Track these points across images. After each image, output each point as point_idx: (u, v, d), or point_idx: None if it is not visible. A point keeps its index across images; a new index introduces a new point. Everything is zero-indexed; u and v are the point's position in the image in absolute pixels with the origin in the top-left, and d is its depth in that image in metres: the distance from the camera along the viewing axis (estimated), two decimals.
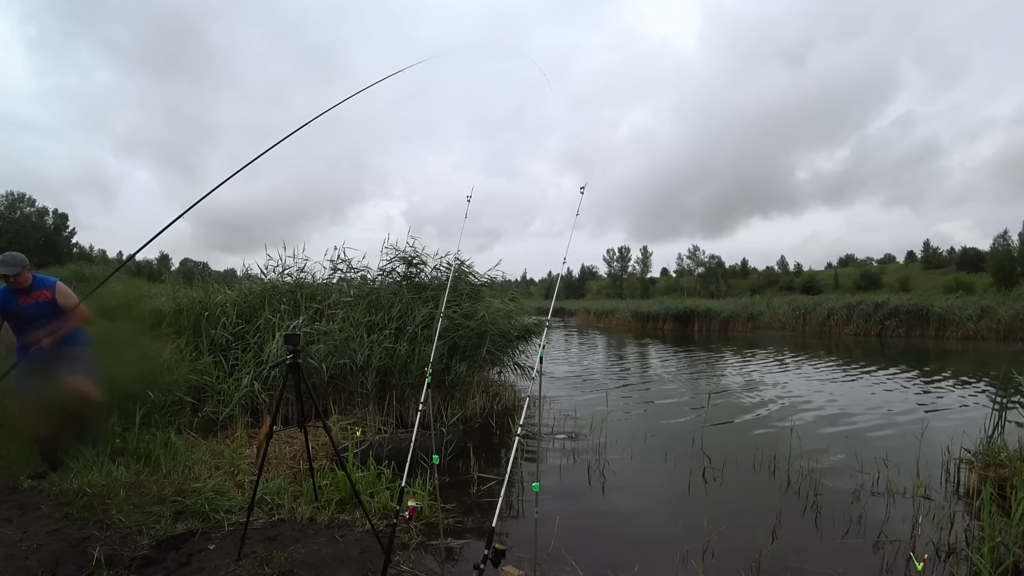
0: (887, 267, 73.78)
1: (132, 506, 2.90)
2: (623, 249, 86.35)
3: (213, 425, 4.52)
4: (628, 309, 32.78)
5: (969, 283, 39.87)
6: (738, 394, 8.02)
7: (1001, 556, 2.58)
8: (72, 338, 3.49)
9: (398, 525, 2.55)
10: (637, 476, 4.34)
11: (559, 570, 2.71)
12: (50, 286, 3.49)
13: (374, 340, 5.44)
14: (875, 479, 3.99)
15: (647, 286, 77.47)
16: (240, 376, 4.82)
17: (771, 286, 64.41)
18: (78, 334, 3.56)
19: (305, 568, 2.47)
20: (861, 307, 22.24)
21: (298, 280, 6.25)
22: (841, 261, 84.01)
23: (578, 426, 5.63)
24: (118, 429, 3.80)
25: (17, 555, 2.44)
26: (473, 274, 6.85)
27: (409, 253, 6.43)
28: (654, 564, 2.85)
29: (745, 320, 25.98)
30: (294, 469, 3.84)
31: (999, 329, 18.68)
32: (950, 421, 6.06)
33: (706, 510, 3.51)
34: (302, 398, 2.60)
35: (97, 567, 2.37)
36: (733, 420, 6.28)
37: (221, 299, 5.63)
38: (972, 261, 59.52)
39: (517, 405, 6.56)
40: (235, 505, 3.02)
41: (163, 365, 4.43)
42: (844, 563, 2.81)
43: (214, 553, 2.57)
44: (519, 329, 6.76)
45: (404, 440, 4.24)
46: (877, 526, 3.27)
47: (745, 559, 2.83)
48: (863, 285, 54.32)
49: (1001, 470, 3.63)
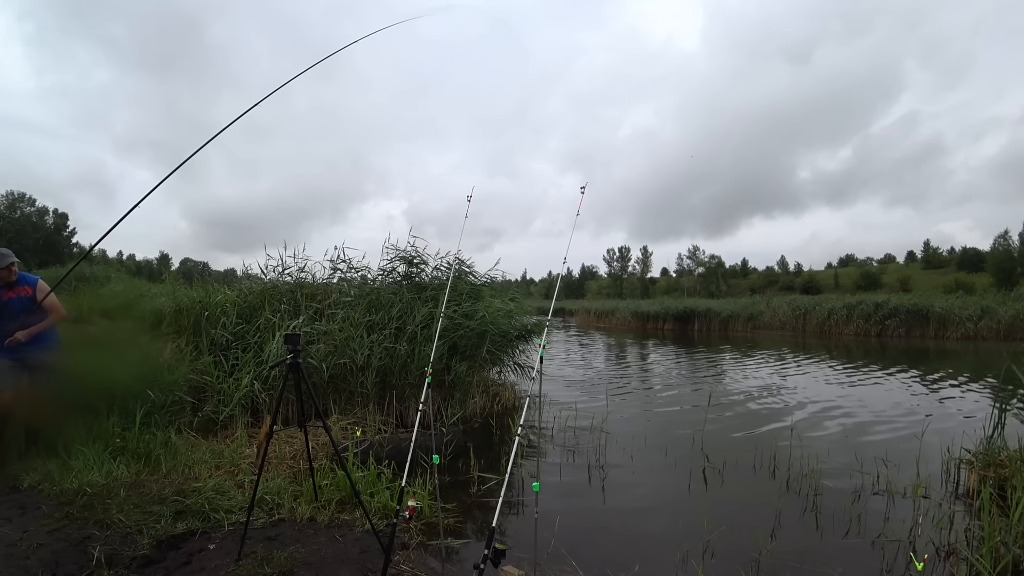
0: (887, 267, 73.72)
1: (132, 506, 2.90)
2: (623, 249, 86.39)
3: (213, 425, 4.52)
4: (628, 309, 32.78)
5: (969, 283, 39.82)
6: (738, 394, 8.02)
7: (1001, 556, 2.58)
8: (44, 338, 3.56)
9: (398, 525, 2.55)
10: (637, 476, 4.34)
11: (559, 570, 2.71)
12: (32, 283, 3.58)
13: (374, 340, 5.44)
14: (875, 479, 3.99)
15: (647, 286, 77.44)
16: (240, 376, 4.82)
17: (771, 286, 64.36)
18: (51, 335, 3.63)
19: (305, 568, 2.48)
20: (861, 307, 22.23)
21: (298, 280, 6.26)
22: (841, 261, 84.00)
23: (578, 426, 5.63)
24: (118, 429, 3.81)
25: (17, 555, 2.44)
26: (473, 274, 6.86)
27: (410, 253, 6.44)
28: (654, 564, 2.85)
29: (745, 320, 25.98)
30: (294, 469, 3.84)
31: (999, 329, 18.68)
32: (950, 421, 6.06)
33: (706, 510, 3.51)
34: (302, 398, 2.60)
35: (97, 567, 2.37)
36: (733, 420, 6.28)
37: (221, 299, 5.63)
38: (972, 261, 59.47)
39: (517, 405, 6.57)
40: (235, 505, 3.02)
41: (163, 365, 4.44)
42: (844, 563, 2.82)
43: (214, 553, 2.57)
44: (519, 329, 6.76)
45: (404, 440, 4.24)
46: (877, 526, 3.28)
47: (745, 559, 2.83)
48: (863, 285, 54.24)
49: (1001, 470, 3.62)
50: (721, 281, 72.17)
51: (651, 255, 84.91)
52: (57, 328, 3.71)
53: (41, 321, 3.51)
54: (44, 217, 58.76)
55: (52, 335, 3.64)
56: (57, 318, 3.60)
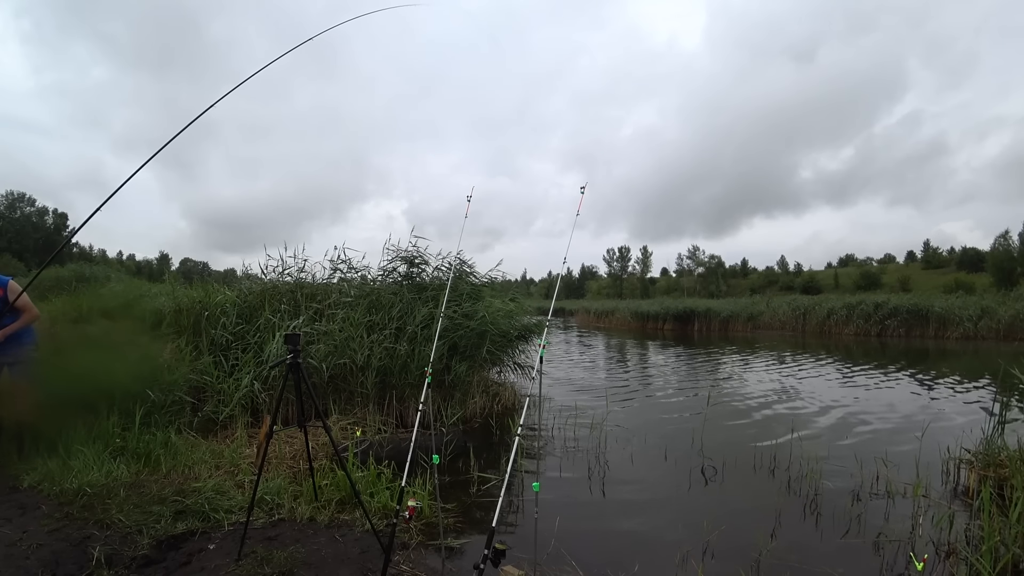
0: (887, 267, 73.74)
1: (132, 506, 2.90)
2: (623, 249, 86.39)
3: (213, 425, 4.52)
4: (628, 309, 32.78)
5: (969, 283, 39.85)
6: (738, 394, 8.02)
7: (1000, 556, 2.58)
8: (20, 337, 3.58)
9: (398, 525, 2.56)
10: (637, 476, 4.34)
11: (559, 570, 2.71)
12: (3, 284, 3.59)
13: (374, 340, 5.44)
14: (875, 479, 3.99)
15: (647, 286, 77.44)
16: (240, 376, 4.82)
17: (771, 286, 64.34)
18: (27, 335, 3.65)
19: (305, 568, 2.48)
20: (861, 307, 22.24)
21: (298, 280, 6.26)
22: (841, 261, 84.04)
23: (578, 426, 5.63)
24: (118, 429, 3.81)
25: (17, 555, 2.44)
26: (474, 274, 6.86)
27: (412, 253, 6.44)
28: (654, 564, 2.85)
29: (745, 320, 25.98)
30: (294, 469, 3.84)
31: (999, 329, 18.68)
32: (950, 421, 6.07)
33: (706, 510, 3.51)
34: (302, 398, 2.60)
35: (97, 567, 2.37)
36: (733, 420, 6.29)
37: (221, 299, 5.63)
38: (972, 261, 59.49)
39: (517, 405, 6.56)
40: (235, 505, 3.02)
41: (163, 365, 4.44)
42: (844, 563, 2.82)
43: (214, 553, 2.57)
44: (519, 329, 6.76)
45: (404, 440, 4.24)
46: (877, 526, 3.28)
47: (745, 559, 2.83)
48: (863, 285, 54.24)
49: (1001, 470, 3.63)
50: (721, 281, 72.19)
51: (651, 255, 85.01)
52: (34, 327, 3.72)
53: (15, 322, 3.53)
54: (44, 217, 58.78)
55: (28, 334, 3.66)
56: (30, 318, 3.63)
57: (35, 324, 3.73)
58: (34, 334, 3.74)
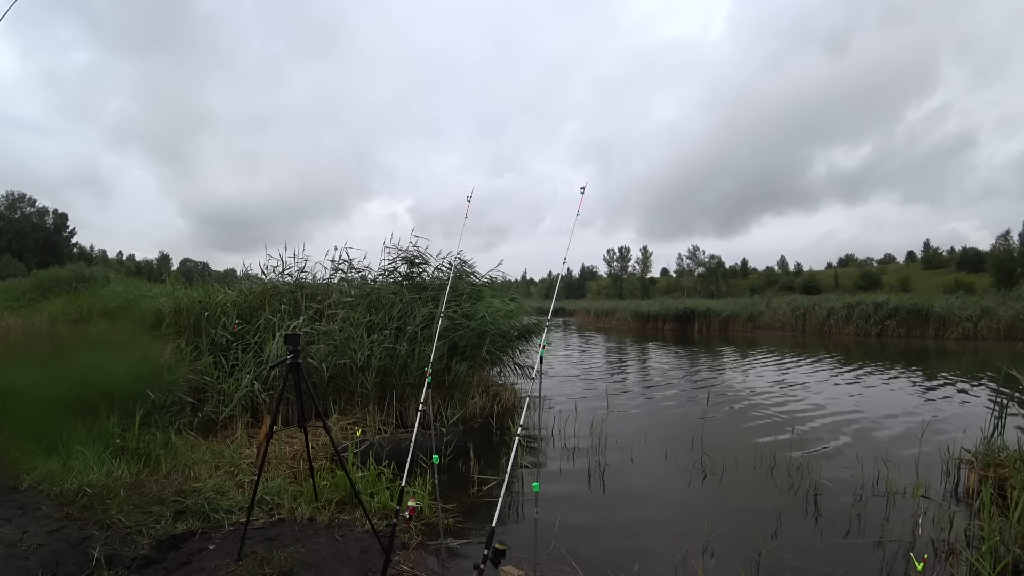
0: (887, 267, 73.67)
1: (132, 506, 2.91)
2: (623, 249, 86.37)
3: (213, 425, 4.52)
4: (628, 309, 32.77)
5: (969, 283, 39.81)
6: (738, 394, 8.01)
7: (1001, 556, 2.58)
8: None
9: (398, 525, 2.55)
10: (637, 476, 4.34)
11: (559, 570, 2.71)
12: None
13: (374, 340, 5.44)
14: (875, 479, 3.99)
15: (647, 286, 77.38)
16: (240, 376, 4.82)
17: (771, 286, 64.39)
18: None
19: (305, 568, 2.48)
20: (861, 307, 22.26)
21: (298, 280, 6.25)
22: (841, 261, 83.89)
23: (578, 426, 5.62)
24: (118, 429, 3.81)
25: (17, 555, 2.45)
26: (474, 274, 6.86)
27: (412, 252, 6.44)
28: (654, 564, 2.85)
29: (745, 320, 25.98)
30: (294, 469, 3.84)
31: (999, 329, 18.67)
32: (950, 421, 6.06)
33: (706, 510, 3.51)
34: (302, 398, 2.60)
35: (97, 567, 2.37)
36: (733, 420, 6.29)
37: (221, 299, 5.64)
38: (972, 261, 59.44)
39: (517, 405, 6.56)
40: (235, 505, 3.02)
41: (163, 365, 4.44)
42: (844, 563, 2.82)
43: (214, 553, 2.57)
44: (519, 329, 6.76)
45: (404, 440, 4.24)
46: (877, 526, 3.28)
47: (745, 559, 2.83)
48: (863, 285, 54.29)
49: (1001, 470, 3.63)
50: (721, 281, 72.15)
51: (651, 255, 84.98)
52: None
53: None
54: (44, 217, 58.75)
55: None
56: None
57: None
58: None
